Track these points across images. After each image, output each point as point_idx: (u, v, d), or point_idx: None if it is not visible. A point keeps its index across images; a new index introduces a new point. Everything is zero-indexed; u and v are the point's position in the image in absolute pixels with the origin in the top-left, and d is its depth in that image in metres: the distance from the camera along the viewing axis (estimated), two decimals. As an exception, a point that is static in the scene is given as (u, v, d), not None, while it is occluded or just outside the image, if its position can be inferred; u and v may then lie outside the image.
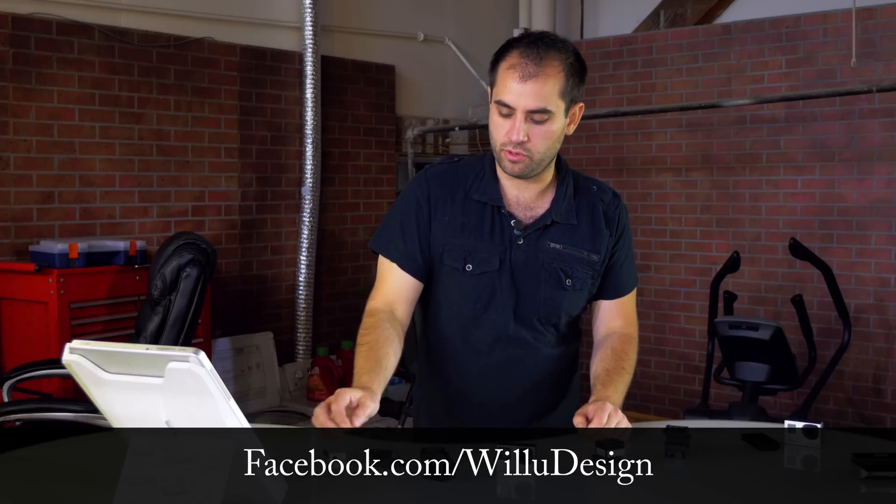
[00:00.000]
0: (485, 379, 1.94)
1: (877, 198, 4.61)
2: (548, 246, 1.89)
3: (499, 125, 1.81)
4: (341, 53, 5.08)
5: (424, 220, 1.91)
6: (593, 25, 6.00)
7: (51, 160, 3.95)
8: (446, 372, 1.98)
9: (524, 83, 1.76)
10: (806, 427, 1.66)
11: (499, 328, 1.90)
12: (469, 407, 1.96)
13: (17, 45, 3.83)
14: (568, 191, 1.93)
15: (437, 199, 1.92)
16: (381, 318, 1.85)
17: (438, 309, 1.96)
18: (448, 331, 1.95)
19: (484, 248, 1.88)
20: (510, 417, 1.94)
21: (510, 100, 1.77)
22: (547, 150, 1.82)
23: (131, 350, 1.28)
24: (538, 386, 1.96)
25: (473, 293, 1.89)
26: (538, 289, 1.89)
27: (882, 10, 4.55)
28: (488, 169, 1.93)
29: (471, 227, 1.89)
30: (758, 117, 4.95)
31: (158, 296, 3.36)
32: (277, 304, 4.86)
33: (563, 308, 1.91)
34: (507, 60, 1.79)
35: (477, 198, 1.91)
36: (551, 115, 1.78)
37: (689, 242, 5.21)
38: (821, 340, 4.35)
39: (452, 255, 1.89)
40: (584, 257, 1.91)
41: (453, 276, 1.90)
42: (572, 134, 1.91)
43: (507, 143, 1.80)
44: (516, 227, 1.89)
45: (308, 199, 4.76)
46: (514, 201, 1.91)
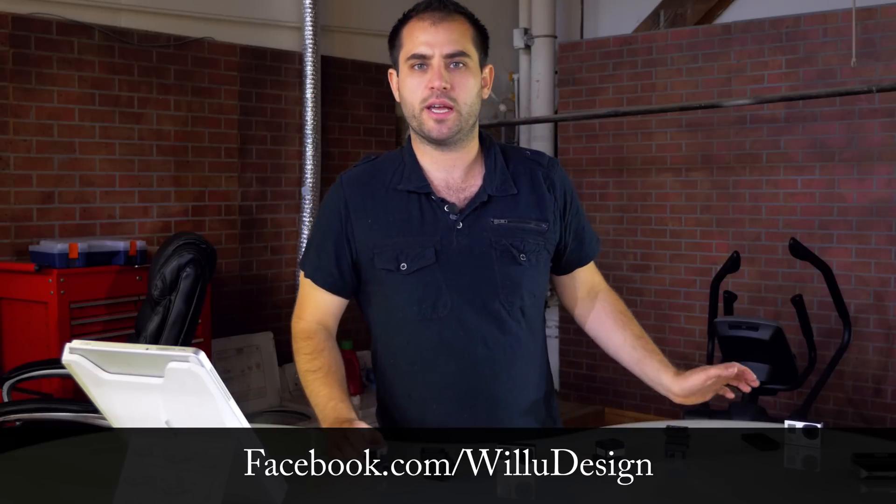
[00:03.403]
0: (452, 389, 1.75)
1: (877, 198, 4.61)
2: (491, 223, 1.75)
3: (415, 84, 1.71)
4: (341, 53, 5.08)
5: (341, 231, 1.77)
6: (593, 25, 6.00)
7: (51, 160, 3.95)
8: (406, 391, 1.79)
9: (436, 27, 1.69)
10: (806, 427, 1.66)
11: (453, 326, 1.73)
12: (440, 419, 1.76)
13: (17, 45, 3.83)
14: (498, 160, 1.81)
15: (355, 202, 1.77)
16: (320, 340, 1.76)
17: (384, 321, 1.80)
18: (400, 341, 1.78)
19: (416, 242, 1.73)
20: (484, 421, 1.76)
21: (425, 49, 1.69)
22: (471, 105, 1.72)
23: (131, 350, 1.28)
24: (511, 384, 1.78)
25: (416, 294, 1.73)
26: (492, 270, 1.74)
27: (882, 10, 4.55)
28: (408, 158, 1.79)
29: (398, 223, 1.74)
30: (758, 117, 4.95)
31: (158, 296, 3.36)
32: (277, 304, 4.86)
33: (523, 286, 1.76)
34: (411, 21, 1.74)
35: (401, 188, 1.76)
36: (469, 59, 1.71)
37: (689, 242, 5.21)
38: (821, 340, 4.35)
39: (383, 256, 1.74)
40: (532, 228, 1.78)
41: (390, 280, 1.75)
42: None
43: (428, 97, 1.69)
44: (451, 211, 1.75)
45: (308, 199, 4.76)
46: (444, 185, 1.77)
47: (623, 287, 5.30)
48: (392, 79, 1.80)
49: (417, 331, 1.75)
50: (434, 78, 1.69)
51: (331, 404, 1.65)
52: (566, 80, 5.58)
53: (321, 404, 1.67)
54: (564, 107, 5.58)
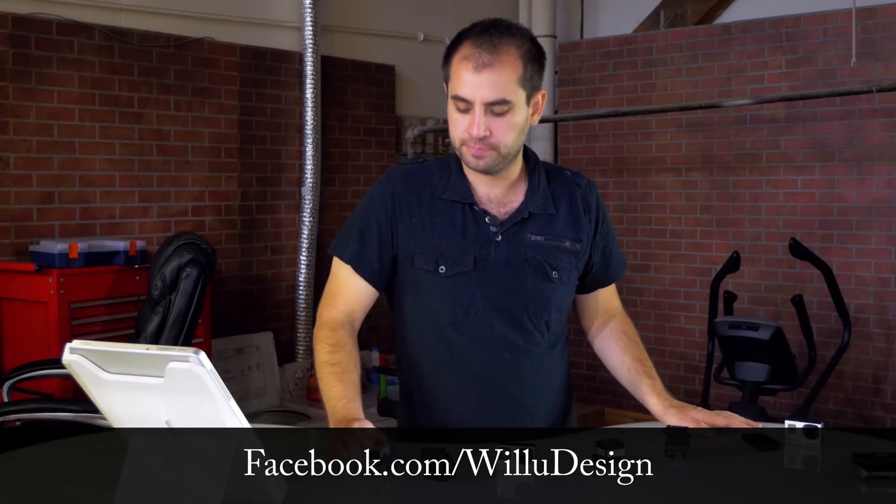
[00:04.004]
0: (475, 391, 1.81)
1: (877, 198, 4.61)
2: (528, 239, 1.80)
3: (457, 121, 1.72)
4: (341, 53, 5.08)
5: (386, 224, 1.81)
6: (593, 25, 6.00)
7: (51, 160, 3.95)
8: (431, 389, 1.84)
9: (479, 74, 1.67)
10: (806, 427, 1.66)
11: (483, 332, 1.78)
12: (461, 420, 1.82)
13: (17, 45, 3.83)
14: (541, 181, 1.84)
15: (402, 200, 1.81)
16: (345, 334, 1.77)
17: (416, 319, 1.83)
18: (429, 341, 1.82)
19: (457, 247, 1.77)
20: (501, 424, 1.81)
21: (466, 93, 1.68)
22: (513, 143, 1.73)
23: (131, 350, 1.28)
24: (533, 393, 1.84)
25: (450, 296, 1.78)
26: (524, 284, 1.79)
27: (882, 10, 4.55)
28: (455, 167, 1.83)
29: (441, 228, 1.78)
30: (758, 117, 4.95)
31: (158, 296, 3.36)
32: (277, 304, 4.86)
33: (553, 302, 1.82)
34: (461, 52, 1.70)
35: (446, 197, 1.80)
36: (511, 105, 1.69)
37: (689, 242, 5.21)
38: (821, 340, 4.35)
39: (424, 257, 1.78)
40: (567, 247, 1.83)
41: (427, 280, 1.78)
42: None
43: (467, 140, 1.71)
44: (492, 223, 1.79)
45: (308, 199, 4.76)
46: (486, 198, 1.81)
47: (623, 287, 5.27)
48: (446, 90, 1.79)
49: (448, 333, 1.79)
50: (473, 126, 1.70)
51: (341, 403, 1.66)
52: (566, 80, 5.58)
53: (333, 399, 1.68)
54: (564, 107, 5.58)
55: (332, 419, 1.65)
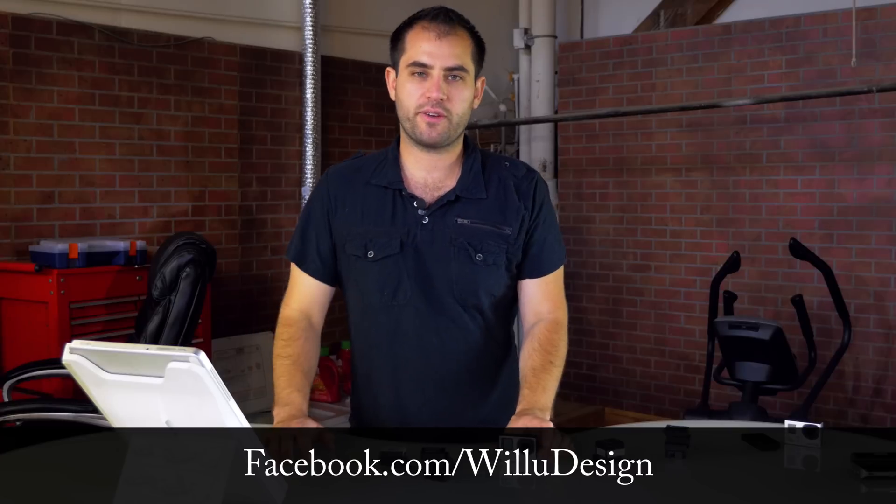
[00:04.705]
0: (405, 374, 1.86)
1: (877, 198, 4.61)
2: (455, 222, 1.83)
3: (413, 90, 1.78)
4: (341, 53, 5.08)
5: (323, 220, 1.89)
6: (593, 25, 6.00)
7: (51, 160, 3.95)
8: (368, 370, 1.92)
9: (440, 41, 1.77)
10: (806, 427, 1.66)
11: (411, 315, 1.83)
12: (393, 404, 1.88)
13: (17, 45, 3.83)
14: (475, 166, 1.88)
15: (337, 194, 1.89)
16: (299, 329, 1.88)
17: (354, 305, 1.92)
18: (365, 324, 1.90)
19: (384, 232, 1.84)
20: (435, 411, 1.86)
21: (426, 59, 1.77)
22: (462, 115, 1.80)
23: (131, 350, 1.28)
24: (460, 377, 1.87)
25: (379, 280, 1.84)
26: (448, 266, 1.82)
27: (882, 10, 4.55)
28: (391, 156, 1.90)
29: (371, 214, 1.86)
30: (758, 117, 4.95)
31: (158, 296, 3.36)
32: (277, 304, 4.78)
33: (479, 286, 1.84)
34: (416, 28, 1.81)
35: (376, 182, 1.87)
36: (466, 74, 1.79)
37: (689, 242, 5.21)
38: (821, 340, 4.35)
39: (354, 243, 1.86)
40: (494, 231, 1.84)
41: (358, 266, 1.86)
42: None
43: (424, 104, 1.77)
44: (419, 206, 1.84)
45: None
46: (421, 183, 1.86)
47: (623, 287, 5.30)
48: (389, 77, 1.88)
49: (379, 316, 1.86)
50: (432, 88, 1.77)
51: (286, 392, 1.75)
52: (566, 80, 5.58)
53: (279, 388, 1.77)
54: (564, 107, 5.58)
55: (275, 407, 1.74)
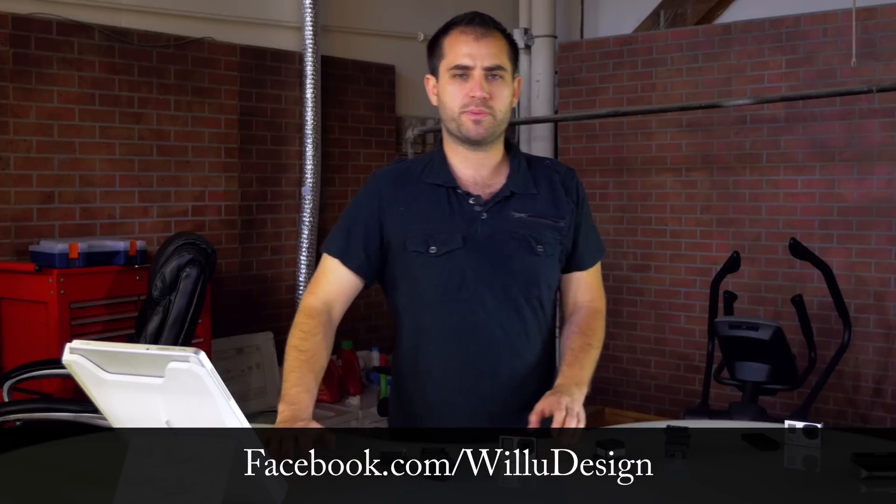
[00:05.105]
0: (470, 367, 1.88)
1: (877, 198, 4.61)
2: (512, 216, 1.89)
3: (455, 91, 1.85)
4: (341, 53, 5.08)
5: (373, 219, 1.91)
6: (593, 25, 6.00)
7: (51, 160, 3.95)
8: (429, 366, 1.91)
9: (479, 42, 1.84)
10: (806, 427, 1.67)
11: (475, 308, 1.86)
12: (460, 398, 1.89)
13: (17, 45, 3.83)
14: (521, 164, 1.96)
15: (387, 194, 1.92)
16: (320, 322, 1.86)
17: (412, 302, 1.92)
18: (425, 321, 1.90)
19: (445, 228, 1.87)
20: (497, 405, 1.88)
21: (467, 60, 1.83)
22: (505, 111, 1.87)
23: (131, 350, 1.28)
24: (522, 368, 1.90)
25: (443, 275, 1.86)
26: (510, 259, 1.87)
27: (882, 10, 4.55)
28: (437, 157, 1.94)
29: (428, 211, 1.89)
30: (758, 117, 4.95)
31: (158, 296, 3.36)
32: (277, 304, 4.86)
33: (540, 276, 1.90)
34: (453, 33, 1.88)
35: (430, 181, 1.91)
36: (505, 73, 1.86)
37: (689, 242, 5.21)
38: (821, 340, 4.35)
39: (415, 240, 1.88)
40: (549, 223, 1.91)
41: (419, 262, 1.87)
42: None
43: (468, 104, 1.83)
44: (476, 202, 1.89)
45: (308, 199, 4.76)
46: (471, 181, 1.91)
47: (623, 287, 5.30)
48: (429, 83, 1.95)
49: (441, 311, 1.88)
50: (475, 88, 1.83)
51: (294, 391, 1.77)
52: (566, 80, 5.57)
53: (288, 384, 1.79)
54: (564, 107, 5.58)
55: (281, 402, 1.76)
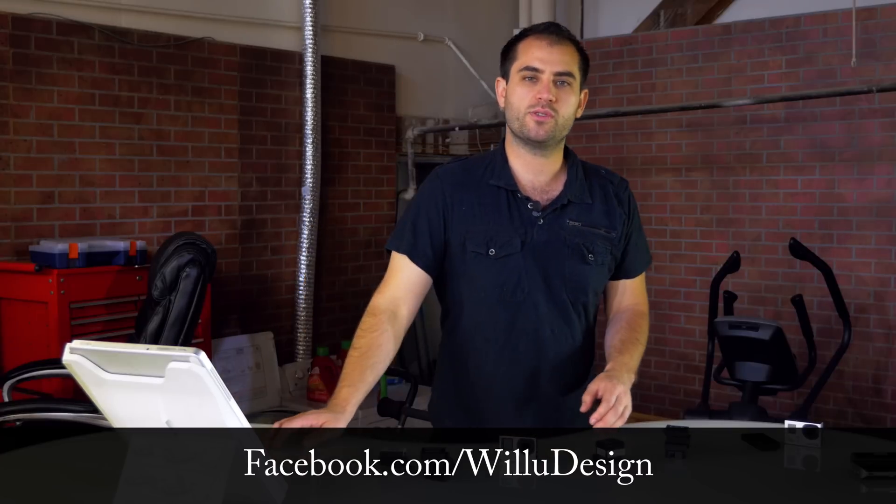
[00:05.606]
0: (519, 365, 1.95)
1: (877, 198, 4.61)
2: (567, 224, 1.95)
3: (523, 93, 1.90)
4: (341, 53, 5.08)
5: (437, 217, 1.95)
6: (593, 25, 6.00)
7: (51, 160, 3.95)
8: (477, 364, 1.98)
9: (551, 48, 1.89)
10: (806, 427, 1.67)
11: (528, 310, 1.93)
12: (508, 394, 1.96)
13: (17, 45, 3.83)
14: (579, 173, 2.02)
15: (451, 192, 1.97)
16: (381, 320, 1.89)
17: (465, 301, 1.98)
18: (479, 319, 1.96)
19: (504, 231, 1.93)
20: (536, 395, 1.96)
21: (539, 64, 1.89)
22: (568, 118, 1.92)
23: (131, 350, 1.28)
24: (565, 369, 1.98)
25: (499, 277, 1.93)
26: (563, 265, 1.94)
27: (882, 10, 4.55)
28: (499, 158, 1.99)
29: (489, 213, 1.95)
30: (758, 117, 4.95)
31: (158, 296, 3.36)
32: (277, 304, 4.86)
33: (589, 283, 1.97)
34: (528, 38, 1.93)
35: (493, 182, 1.96)
36: (573, 80, 1.91)
37: (689, 242, 5.21)
38: (821, 340, 4.35)
39: (475, 240, 1.93)
40: (601, 234, 1.98)
41: (477, 262, 1.93)
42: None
43: (534, 105, 1.88)
44: (534, 208, 1.95)
45: (308, 199, 4.76)
46: (530, 186, 1.97)
47: (623, 287, 5.28)
48: (499, 86, 2.00)
49: (496, 311, 1.94)
50: (543, 90, 1.89)
51: (341, 386, 1.79)
52: (566, 80, 5.56)
53: (340, 381, 1.80)
54: (564, 107, 5.57)
55: None
